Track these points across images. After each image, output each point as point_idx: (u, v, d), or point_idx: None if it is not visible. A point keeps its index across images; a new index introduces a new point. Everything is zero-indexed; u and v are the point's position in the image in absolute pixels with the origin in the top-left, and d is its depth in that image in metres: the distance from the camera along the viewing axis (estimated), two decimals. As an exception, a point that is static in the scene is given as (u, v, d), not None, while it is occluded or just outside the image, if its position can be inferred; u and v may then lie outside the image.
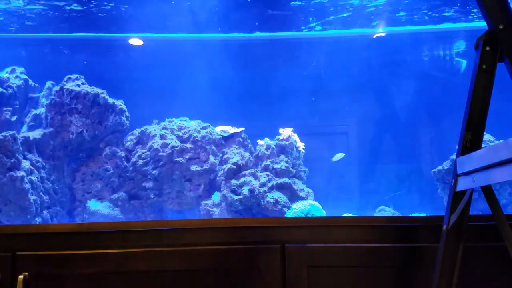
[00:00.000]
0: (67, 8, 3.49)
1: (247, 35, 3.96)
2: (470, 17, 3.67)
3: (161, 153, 3.19)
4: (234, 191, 3.04)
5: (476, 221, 1.53)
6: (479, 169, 1.06)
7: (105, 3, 3.44)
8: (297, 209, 2.90)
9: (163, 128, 3.38)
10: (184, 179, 3.18)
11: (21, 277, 1.48)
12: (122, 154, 3.26)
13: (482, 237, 1.51)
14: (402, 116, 3.92)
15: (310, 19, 3.69)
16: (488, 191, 1.08)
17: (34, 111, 3.22)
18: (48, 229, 1.60)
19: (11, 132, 2.74)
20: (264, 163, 3.21)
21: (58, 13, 3.56)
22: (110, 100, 3.21)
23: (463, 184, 1.16)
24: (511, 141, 0.89)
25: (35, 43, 3.94)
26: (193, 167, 3.16)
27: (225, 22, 3.74)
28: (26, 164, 2.79)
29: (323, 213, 2.95)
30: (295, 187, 3.12)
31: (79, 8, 3.49)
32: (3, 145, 2.68)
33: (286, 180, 3.11)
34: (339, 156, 3.30)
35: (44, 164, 2.97)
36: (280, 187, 3.08)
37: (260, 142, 3.34)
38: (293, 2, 3.45)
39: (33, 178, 2.81)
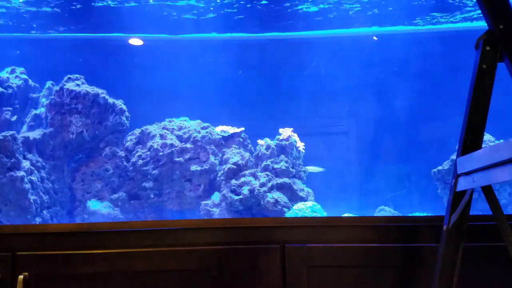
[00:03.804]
0: (67, 8, 3.49)
1: (247, 35, 3.96)
2: (470, 16, 3.67)
3: (161, 153, 3.19)
4: (234, 191, 3.04)
5: (476, 221, 1.53)
6: (479, 169, 1.06)
7: (106, 3, 3.44)
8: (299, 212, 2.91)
9: (163, 128, 3.38)
10: (184, 179, 3.18)
11: (21, 277, 1.48)
12: (122, 154, 3.26)
13: (482, 237, 1.51)
14: (402, 116, 3.92)
15: (310, 19, 3.69)
16: (488, 191, 1.08)
17: (34, 111, 3.22)
18: (48, 229, 1.60)
19: (11, 132, 2.74)
20: (264, 163, 3.21)
21: (58, 13, 3.56)
22: (110, 100, 3.21)
23: (463, 184, 1.16)
24: None
25: (35, 43, 3.94)
26: (193, 167, 3.16)
27: (225, 22, 3.74)
28: (26, 164, 2.79)
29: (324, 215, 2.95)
30: (295, 187, 3.12)
31: (79, 8, 3.49)
32: (3, 145, 2.68)
33: (286, 180, 3.11)
34: (314, 169, 3.19)
35: (44, 164, 2.97)
36: (280, 187, 3.08)
37: (260, 142, 3.34)
38: (293, 2, 3.45)
39: (33, 178, 2.81)
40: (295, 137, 3.35)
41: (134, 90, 3.70)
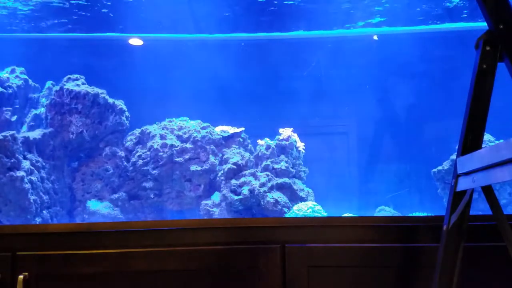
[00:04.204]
0: (67, 8, 3.49)
1: (247, 35, 3.96)
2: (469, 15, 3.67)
3: (161, 153, 3.19)
4: (234, 191, 3.04)
5: (476, 221, 1.53)
6: (480, 169, 1.06)
7: (105, 3, 3.44)
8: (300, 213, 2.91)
9: (163, 128, 3.38)
10: (184, 179, 3.18)
11: (21, 277, 1.48)
12: (122, 154, 3.26)
13: (482, 237, 1.51)
14: (402, 116, 3.92)
15: (311, 19, 3.69)
16: (488, 191, 1.08)
17: (34, 111, 3.22)
18: (48, 229, 1.60)
19: (11, 132, 2.74)
20: (264, 163, 3.21)
21: (58, 13, 3.56)
22: (110, 100, 3.21)
23: (463, 184, 1.16)
24: (512, 141, 0.89)
25: (35, 43, 3.94)
26: (193, 167, 3.16)
27: (225, 22, 3.74)
28: (26, 164, 2.79)
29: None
30: (295, 187, 3.12)
31: (79, 8, 3.49)
32: (3, 145, 2.68)
33: (286, 180, 3.11)
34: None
35: (44, 164, 2.97)
36: (280, 187, 3.08)
37: (260, 142, 3.34)
38: (293, 2, 3.45)
39: (33, 178, 2.81)
40: (295, 137, 3.35)
41: (134, 90, 3.70)
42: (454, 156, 2.93)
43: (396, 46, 3.89)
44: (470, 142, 1.16)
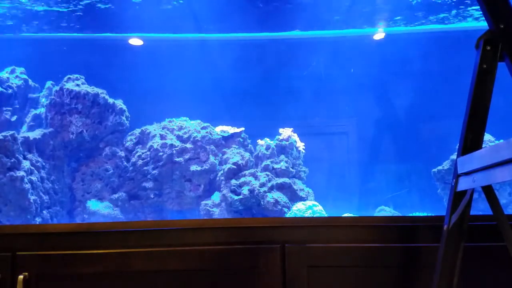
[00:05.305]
0: (67, 8, 3.49)
1: (247, 35, 3.96)
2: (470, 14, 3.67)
3: (161, 153, 3.19)
4: (234, 191, 3.04)
5: (476, 221, 1.53)
6: (480, 169, 1.06)
7: (105, 3, 3.44)
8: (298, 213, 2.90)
9: (163, 128, 3.38)
10: (184, 179, 3.18)
11: (21, 277, 1.48)
12: (122, 154, 3.26)
13: (482, 237, 1.51)
14: (402, 116, 3.92)
15: (311, 19, 3.69)
16: (488, 191, 1.08)
17: (34, 111, 3.22)
18: (48, 229, 1.60)
19: (11, 132, 2.74)
20: (264, 163, 3.21)
21: (58, 13, 3.56)
22: (110, 100, 3.21)
23: (463, 184, 1.16)
24: (512, 141, 0.89)
25: (35, 43, 3.94)
26: (193, 167, 3.16)
27: (225, 22, 3.74)
28: (26, 164, 2.79)
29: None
30: (295, 187, 3.12)
31: (79, 8, 3.49)
32: (3, 145, 2.68)
33: (286, 180, 3.11)
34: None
35: (44, 164, 2.97)
36: (280, 187, 3.08)
37: (260, 142, 3.34)
38: (293, 2, 3.45)
39: (33, 178, 2.81)
40: (295, 137, 3.35)
41: (134, 90, 3.70)
42: (454, 156, 2.93)
43: (396, 46, 3.89)
44: (470, 142, 1.16)
